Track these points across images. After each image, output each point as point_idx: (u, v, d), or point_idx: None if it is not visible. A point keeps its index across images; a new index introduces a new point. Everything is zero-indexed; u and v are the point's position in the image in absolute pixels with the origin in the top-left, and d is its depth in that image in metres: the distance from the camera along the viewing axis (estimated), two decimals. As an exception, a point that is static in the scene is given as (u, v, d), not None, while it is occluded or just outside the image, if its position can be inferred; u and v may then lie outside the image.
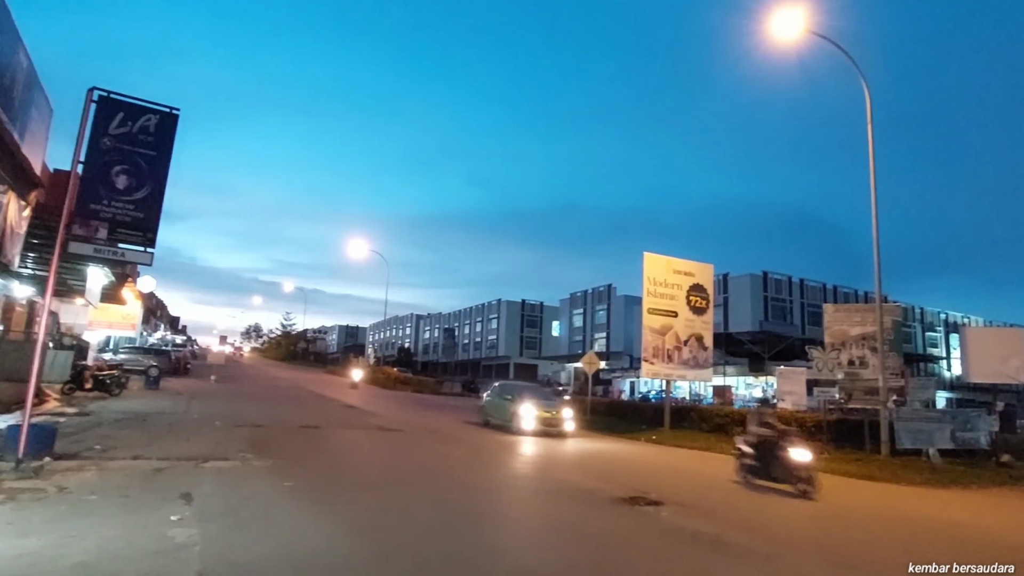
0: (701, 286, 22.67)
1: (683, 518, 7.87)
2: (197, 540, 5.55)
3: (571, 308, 74.52)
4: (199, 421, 14.99)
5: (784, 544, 7.03)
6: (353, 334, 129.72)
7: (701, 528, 7.34)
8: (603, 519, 7.78)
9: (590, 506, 8.48)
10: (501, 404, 19.19)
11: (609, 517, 7.90)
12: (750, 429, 10.94)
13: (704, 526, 7.45)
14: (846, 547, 7.16)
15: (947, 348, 61.44)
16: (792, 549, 6.86)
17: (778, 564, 6.17)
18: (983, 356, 16.62)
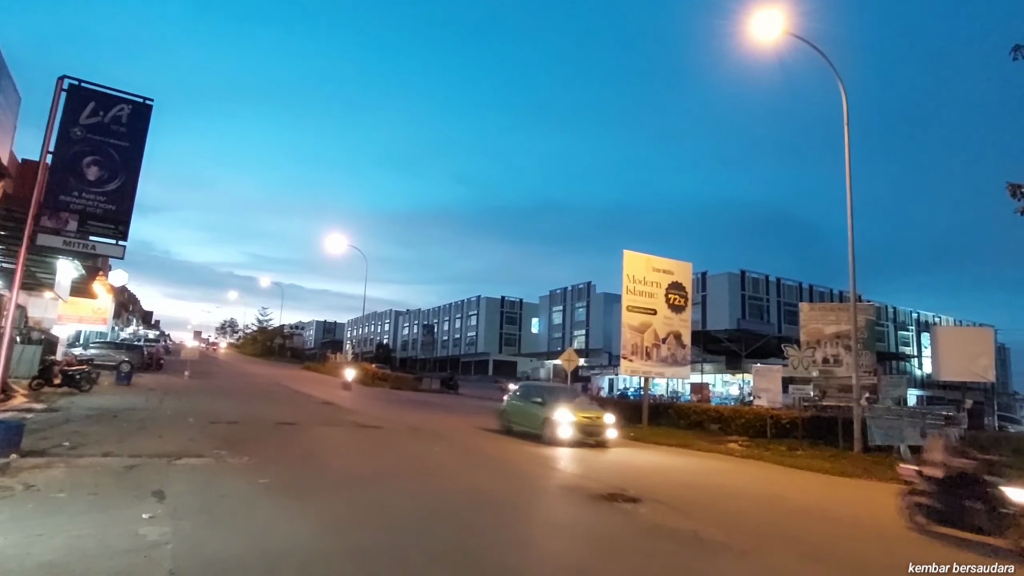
0: (680, 284, 22.85)
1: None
2: (169, 538, 5.46)
3: (551, 305, 74.70)
4: (172, 417, 14.73)
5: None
6: (331, 330, 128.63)
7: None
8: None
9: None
10: (528, 408, 16.51)
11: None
12: (931, 458, 7.93)
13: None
14: (821, 542, 7.27)
15: (918, 347, 62.78)
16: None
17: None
18: (953, 355, 17.00)
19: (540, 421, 15.51)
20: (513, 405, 17.65)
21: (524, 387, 19.14)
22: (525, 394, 17.66)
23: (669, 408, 22.90)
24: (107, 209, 10.24)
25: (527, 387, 19.08)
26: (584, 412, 15.54)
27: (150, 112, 10.92)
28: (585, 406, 16.24)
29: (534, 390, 17.83)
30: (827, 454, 15.24)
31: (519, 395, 17.95)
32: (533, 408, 16.20)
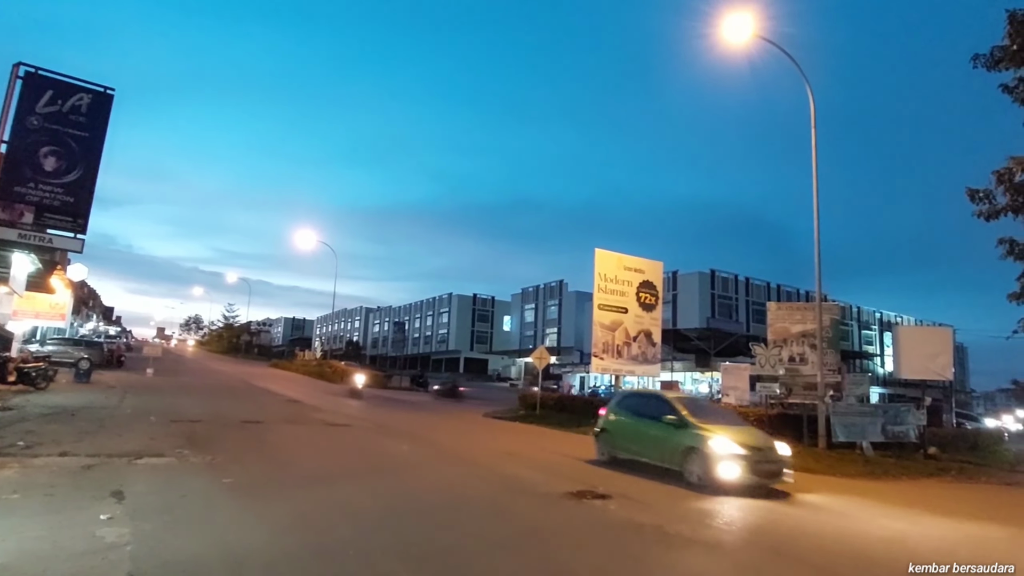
0: (651, 283, 23.07)
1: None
2: (129, 539, 5.31)
3: (523, 303, 74.82)
4: (133, 416, 14.33)
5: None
6: (300, 327, 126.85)
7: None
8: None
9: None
10: (650, 429, 11.41)
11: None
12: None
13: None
14: (785, 537, 7.38)
15: (881, 346, 64.42)
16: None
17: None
18: (913, 354, 17.47)
19: (678, 450, 10.55)
20: (620, 423, 12.51)
21: (634, 397, 13.43)
22: (639, 407, 12.36)
23: (639, 406, 23.06)
24: (65, 201, 9.92)
25: (640, 398, 13.33)
26: (749, 438, 10.40)
27: (111, 102, 10.59)
28: (739, 426, 11.52)
29: (657, 402, 12.15)
30: (792, 451, 15.52)
31: (626, 407, 12.69)
32: (660, 430, 11.12)
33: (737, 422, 12.06)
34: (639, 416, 12.03)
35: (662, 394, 13.63)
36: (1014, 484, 13.89)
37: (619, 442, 12.26)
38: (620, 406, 12.93)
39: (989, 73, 12.05)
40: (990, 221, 13.03)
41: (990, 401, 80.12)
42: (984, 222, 13.04)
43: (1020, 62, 11.88)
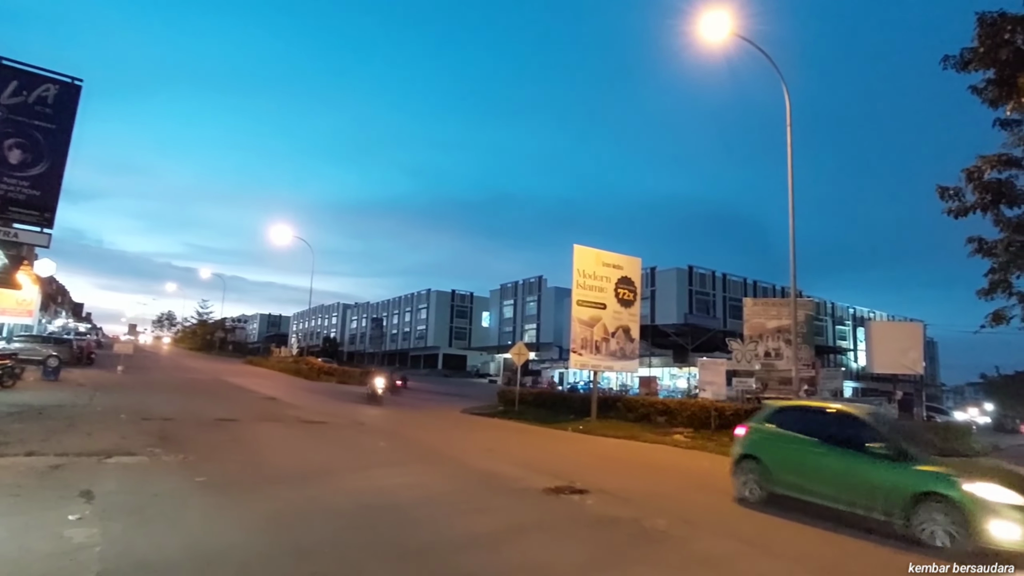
0: (629, 279, 23.17)
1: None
2: (98, 540, 5.22)
3: (501, 299, 74.83)
4: (103, 414, 14.03)
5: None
6: (276, 323, 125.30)
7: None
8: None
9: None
10: (842, 461, 8.03)
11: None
12: None
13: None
14: (763, 529, 7.47)
15: (855, 341, 65.61)
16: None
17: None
18: (885, 348, 17.84)
19: (899, 496, 7.25)
20: (778, 447, 8.99)
21: (796, 412, 9.45)
22: (808, 426, 8.82)
23: (618, 401, 23.22)
24: (31, 195, 9.66)
25: (808, 414, 9.35)
26: (1016, 480, 7.02)
27: (79, 93, 10.34)
28: (974, 458, 9.26)
29: (842, 421, 8.65)
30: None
31: (787, 425, 9.12)
32: (856, 463, 7.81)
33: (958, 449, 9.82)
34: (810, 439, 8.53)
35: (849, 410, 9.13)
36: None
37: (780, 475, 8.68)
38: (776, 423, 9.32)
39: (959, 74, 12.31)
40: (959, 219, 13.27)
41: (959, 395, 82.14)
42: (954, 219, 13.29)
43: (989, 64, 12.11)
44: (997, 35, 11.62)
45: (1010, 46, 11.61)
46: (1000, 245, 13.21)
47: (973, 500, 6.69)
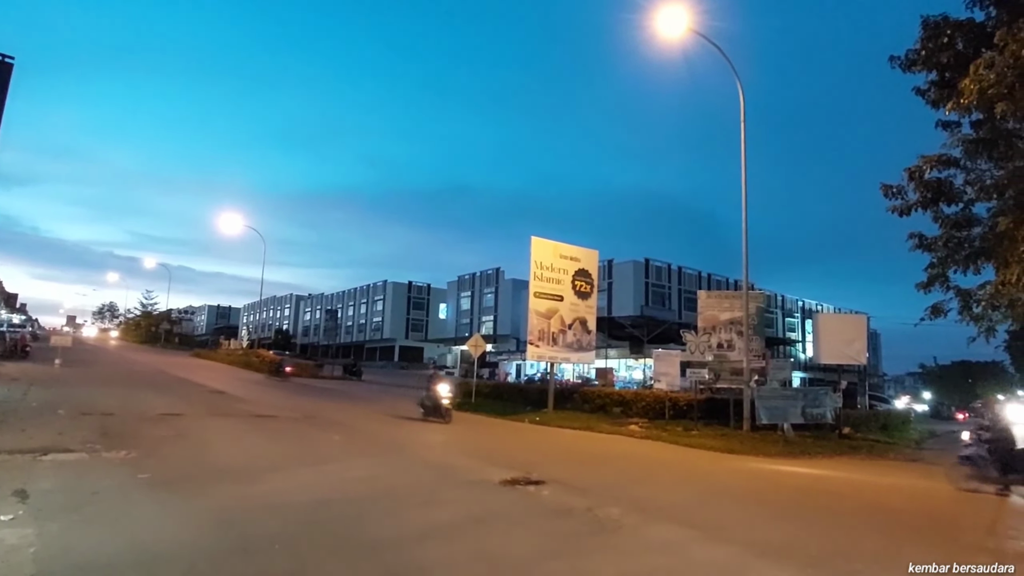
0: (586, 271, 23.34)
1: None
2: (32, 541, 4.95)
3: (459, 291, 74.46)
4: (39, 410, 13.34)
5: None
6: (225, 315, 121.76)
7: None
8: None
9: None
10: None
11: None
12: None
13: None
14: (714, 515, 7.63)
15: (803, 332, 67.66)
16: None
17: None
18: (831, 340, 18.47)
19: None
20: None
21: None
22: None
23: (574, 393, 23.43)
24: (-44, 174, 9.02)
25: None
26: None
27: (10, 72, 9.78)
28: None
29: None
30: (719, 433, 16.12)
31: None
32: None
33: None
34: None
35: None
36: (918, 460, 14.91)
37: None
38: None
39: (905, 74, 12.77)
40: (902, 216, 13.81)
41: (900, 384, 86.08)
42: (897, 217, 13.81)
43: (931, 66, 12.61)
44: (939, 38, 12.08)
45: (951, 49, 12.09)
46: (939, 241, 13.82)
47: None
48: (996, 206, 13.15)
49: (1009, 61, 10.06)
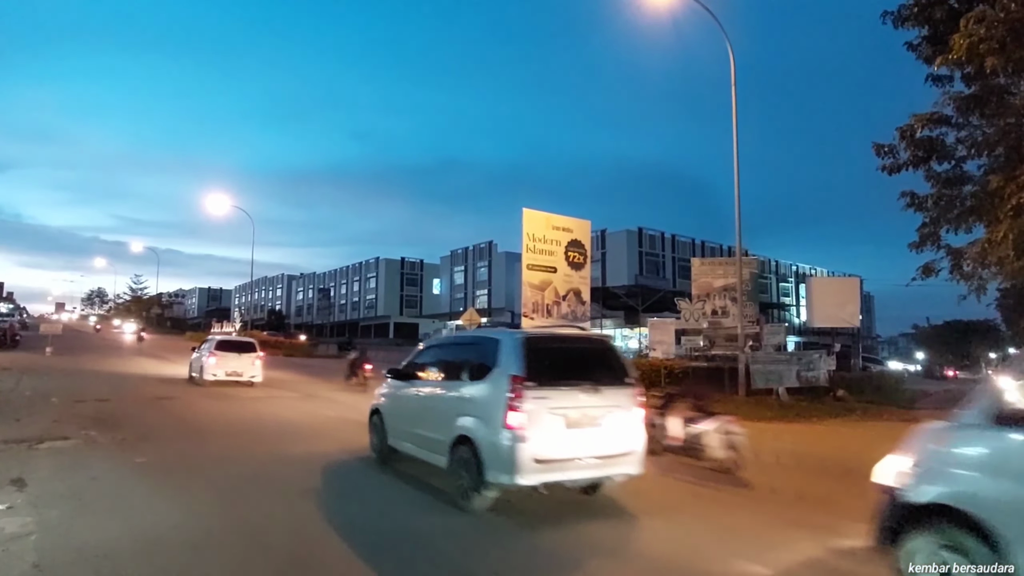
0: (579, 242, 23.22)
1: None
2: (32, 528, 4.94)
3: (452, 265, 74.22)
4: (32, 398, 13.28)
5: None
6: (216, 297, 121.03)
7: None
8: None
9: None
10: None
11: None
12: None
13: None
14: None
15: (797, 297, 67.92)
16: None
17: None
18: (824, 303, 18.55)
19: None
20: None
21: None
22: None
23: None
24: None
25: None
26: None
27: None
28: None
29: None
30: (714, 399, 16.21)
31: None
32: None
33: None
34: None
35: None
36: (910, 420, 15.08)
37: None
38: None
39: (896, 31, 12.60)
40: (893, 175, 13.71)
41: (893, 345, 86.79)
42: (888, 176, 13.72)
43: (923, 21, 12.43)
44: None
45: (943, 5, 11.91)
46: (930, 199, 13.77)
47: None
48: (987, 163, 13.10)
49: (999, 15, 9.91)
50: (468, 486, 5.86)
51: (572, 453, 5.74)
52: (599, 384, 5.98)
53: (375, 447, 8.19)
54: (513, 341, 6.07)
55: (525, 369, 5.69)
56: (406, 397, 7.71)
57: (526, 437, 5.51)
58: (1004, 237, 11.24)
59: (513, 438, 5.52)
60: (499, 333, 6.72)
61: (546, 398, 5.67)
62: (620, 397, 6.10)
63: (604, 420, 5.90)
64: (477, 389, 6.18)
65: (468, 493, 5.86)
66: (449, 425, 6.24)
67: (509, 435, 5.54)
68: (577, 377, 5.98)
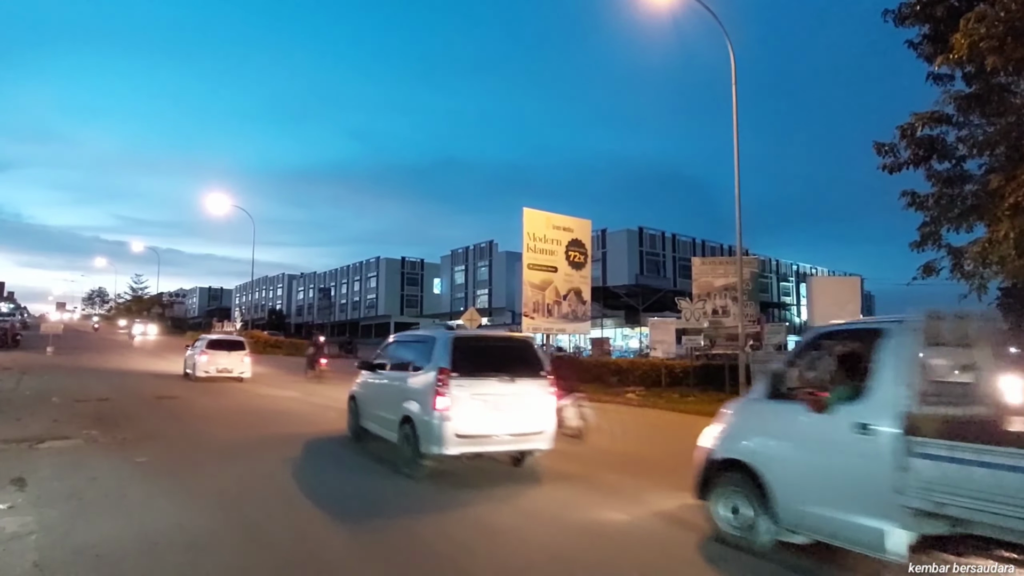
0: (580, 241, 23.23)
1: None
2: (33, 528, 4.95)
3: (452, 265, 74.26)
4: (33, 398, 13.29)
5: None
6: (217, 296, 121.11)
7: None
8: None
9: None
10: None
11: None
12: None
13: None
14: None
15: (798, 296, 67.83)
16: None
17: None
18: (825, 302, 18.50)
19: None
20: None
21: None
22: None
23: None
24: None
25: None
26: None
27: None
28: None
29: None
30: (715, 399, 16.21)
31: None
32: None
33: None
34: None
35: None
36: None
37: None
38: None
39: (897, 29, 12.56)
40: (893, 174, 13.66)
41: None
42: (888, 175, 13.69)
43: (924, 19, 12.39)
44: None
45: (944, 3, 11.88)
46: (931, 199, 13.73)
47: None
48: (988, 162, 13.07)
49: (1000, 14, 9.88)
50: (410, 456, 7.23)
51: (490, 431, 7.06)
52: (515, 376, 7.21)
53: (351, 427, 9.66)
54: (444, 340, 7.43)
55: (451, 363, 6.99)
56: (372, 385, 9.19)
57: (450, 417, 6.82)
58: (1005, 236, 11.21)
59: (440, 418, 6.83)
60: (436, 333, 8.19)
61: (468, 386, 6.94)
62: (534, 387, 7.35)
63: (518, 405, 7.19)
64: (417, 378, 7.56)
65: (411, 462, 7.22)
66: (398, 407, 7.66)
67: (437, 415, 6.84)
68: (497, 370, 7.19)
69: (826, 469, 4.43)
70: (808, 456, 4.56)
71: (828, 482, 4.40)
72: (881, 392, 4.22)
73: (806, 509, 4.47)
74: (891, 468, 4.00)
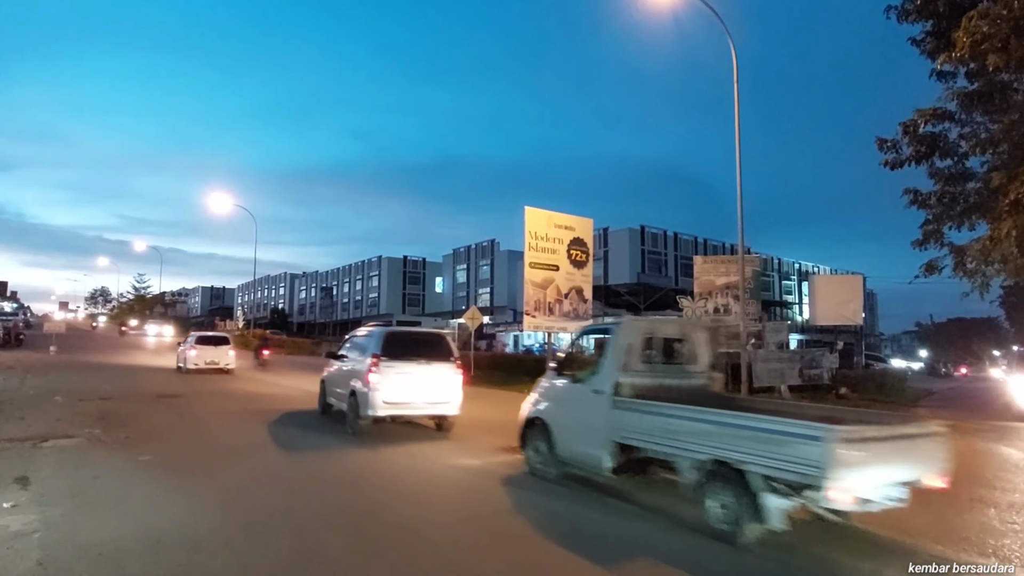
0: (581, 240, 23.19)
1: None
2: (36, 526, 4.96)
3: (454, 264, 74.24)
4: (36, 397, 13.33)
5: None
6: (219, 295, 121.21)
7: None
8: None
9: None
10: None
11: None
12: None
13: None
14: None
15: (799, 295, 67.56)
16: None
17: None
18: (827, 301, 18.49)
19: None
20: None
21: None
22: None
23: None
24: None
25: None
26: None
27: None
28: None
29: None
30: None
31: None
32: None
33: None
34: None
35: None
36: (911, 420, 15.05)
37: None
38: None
39: (900, 25, 12.53)
40: (895, 170, 13.61)
41: (897, 343, 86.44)
42: (890, 171, 13.63)
43: (926, 15, 12.36)
44: (935, -13, 11.82)
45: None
46: (934, 197, 13.69)
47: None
48: (990, 160, 13.02)
49: (1002, 12, 9.84)
50: (353, 419, 9.93)
51: (409, 399, 9.82)
52: (431, 359, 10.03)
53: (320, 403, 12.31)
54: (379, 334, 10.45)
55: (382, 350, 9.78)
56: (335, 369, 11.81)
57: (379, 388, 9.52)
58: (1007, 234, 11.19)
59: (372, 389, 9.52)
60: (376, 330, 11.02)
61: (394, 367, 9.67)
62: (444, 368, 10.16)
63: (431, 380, 9.94)
64: (360, 363, 10.21)
65: (353, 423, 9.93)
66: (348, 384, 10.41)
67: (370, 387, 9.53)
68: (417, 355, 9.97)
69: (579, 420, 6.81)
70: (570, 412, 7.03)
71: (579, 428, 6.76)
72: (605, 368, 6.67)
73: (570, 447, 6.86)
74: (606, 417, 6.30)
